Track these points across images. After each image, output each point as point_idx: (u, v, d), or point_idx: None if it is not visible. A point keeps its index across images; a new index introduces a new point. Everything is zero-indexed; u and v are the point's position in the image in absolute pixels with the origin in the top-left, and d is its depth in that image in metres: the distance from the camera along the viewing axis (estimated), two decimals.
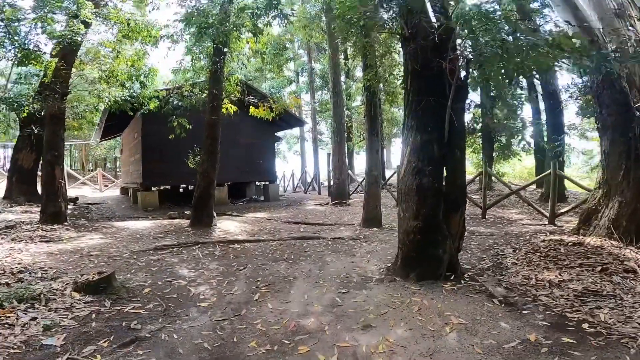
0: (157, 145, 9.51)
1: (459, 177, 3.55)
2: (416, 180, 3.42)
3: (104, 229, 6.90)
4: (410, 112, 3.68)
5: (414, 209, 3.43)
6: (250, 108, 8.19)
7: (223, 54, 6.74)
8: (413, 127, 3.58)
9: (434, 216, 3.44)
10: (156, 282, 3.84)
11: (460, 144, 3.59)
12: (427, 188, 3.40)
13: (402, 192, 3.59)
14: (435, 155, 3.45)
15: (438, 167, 3.47)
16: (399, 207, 3.70)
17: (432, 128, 3.51)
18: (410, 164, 3.50)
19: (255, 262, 4.80)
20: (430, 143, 3.47)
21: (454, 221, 3.60)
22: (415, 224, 3.43)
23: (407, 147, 3.58)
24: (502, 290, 3.44)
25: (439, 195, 3.45)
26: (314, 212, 9.56)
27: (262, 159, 12.80)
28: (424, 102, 3.55)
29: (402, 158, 3.67)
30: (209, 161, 6.64)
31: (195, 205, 6.72)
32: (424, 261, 3.61)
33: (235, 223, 7.61)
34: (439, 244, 3.53)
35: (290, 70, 26.61)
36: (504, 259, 4.51)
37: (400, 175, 3.65)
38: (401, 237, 3.66)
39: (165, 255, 5.02)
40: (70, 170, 19.42)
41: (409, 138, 3.59)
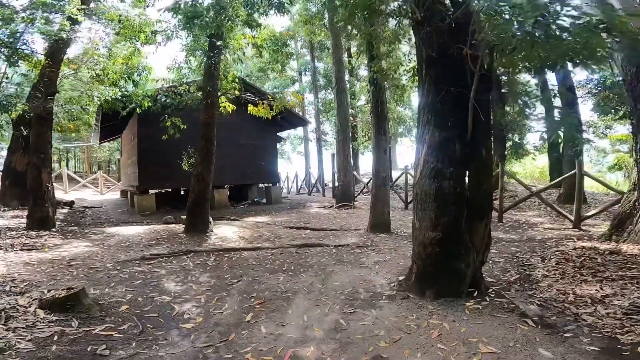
0: (154, 146, 9.08)
1: (484, 180, 3.03)
2: (434, 184, 2.92)
3: (92, 236, 6.47)
4: (427, 105, 3.18)
5: (432, 218, 2.92)
6: (249, 106, 7.72)
7: (217, 47, 6.28)
8: (430, 122, 3.07)
9: (455, 226, 2.92)
10: (136, 298, 3.41)
11: (486, 142, 3.07)
12: (448, 193, 2.90)
13: (418, 198, 3.08)
14: (456, 154, 2.94)
15: (460, 169, 2.96)
16: (413, 215, 3.19)
17: (452, 123, 3.00)
18: (427, 164, 2.99)
19: (251, 273, 4.34)
20: (450, 141, 2.97)
21: (478, 231, 3.08)
22: (433, 235, 2.92)
23: (424, 146, 3.07)
24: (535, 309, 2.95)
25: (462, 202, 2.94)
26: (317, 215, 9.06)
27: (263, 160, 12.33)
28: (443, 93, 3.04)
29: (417, 158, 3.16)
30: (204, 163, 6.18)
31: (190, 210, 6.26)
32: (444, 277, 3.10)
33: (233, 228, 7.15)
34: (461, 258, 3.01)
35: (293, 70, 26.25)
36: (532, 270, 4.00)
37: (416, 178, 3.14)
38: (416, 249, 3.14)
39: (152, 266, 4.57)
40: (71, 173, 19.16)
41: (425, 135, 3.08)
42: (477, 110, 2.99)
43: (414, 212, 3.16)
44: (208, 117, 6.21)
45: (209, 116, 6.21)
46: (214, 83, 6.38)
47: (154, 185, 10.27)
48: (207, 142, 6.20)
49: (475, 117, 3.00)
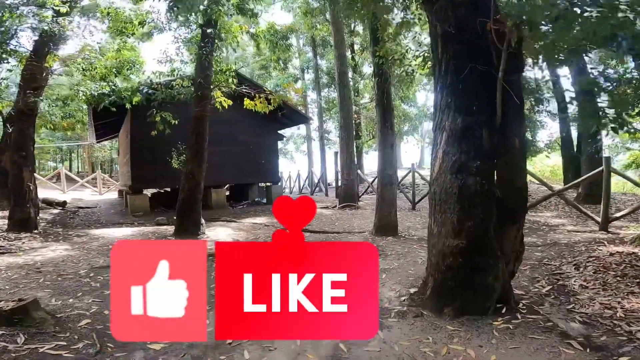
0: (147, 144, 8.57)
1: (517, 175, 2.50)
2: (457, 181, 2.39)
3: (75, 238, 6.01)
4: (445, 87, 2.65)
5: (454, 222, 2.39)
6: (245, 100, 7.21)
7: (209, 37, 5.80)
8: (450, 106, 2.54)
9: (482, 232, 2.39)
10: (102, 311, 2.97)
11: (519, 129, 2.54)
12: (474, 192, 2.37)
13: (437, 198, 2.55)
14: (484, 144, 2.42)
15: (488, 162, 2.43)
16: (430, 219, 2.66)
17: (478, 107, 2.48)
18: (447, 157, 2.47)
19: None
20: (476, 128, 2.44)
21: (509, 237, 2.55)
22: (455, 243, 2.39)
23: (442, 135, 2.54)
24: (579, 327, 2.48)
25: (491, 202, 2.41)
26: (319, 216, 8.53)
27: (263, 159, 11.83)
28: (466, 72, 2.51)
29: (435, 150, 2.63)
30: (195, 160, 5.68)
31: (180, 211, 5.77)
32: (467, 292, 2.56)
33: (228, 230, 6.65)
34: (489, 270, 2.48)
35: (295, 68, 25.78)
36: (567, 280, 3.47)
37: (433, 174, 2.61)
38: (434, 260, 2.61)
39: None
40: (69, 173, 18.83)
41: (444, 122, 2.55)
42: (507, 92, 2.45)
43: (430, 216, 2.63)
44: (199, 111, 5.73)
45: (201, 110, 5.72)
46: (206, 75, 5.89)
47: (148, 185, 9.81)
48: (198, 137, 5.71)
49: (505, 100, 2.47)
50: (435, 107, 2.71)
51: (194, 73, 6.14)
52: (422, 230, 6.22)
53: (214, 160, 10.70)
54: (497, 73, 2.53)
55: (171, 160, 6.74)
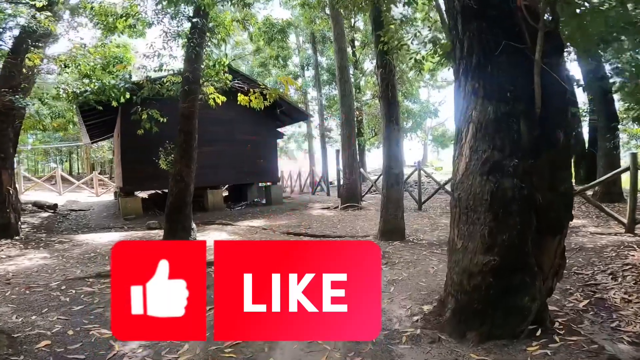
0: (138, 144, 8.10)
1: (562, 177, 2.03)
2: (490, 184, 1.94)
3: (57, 245, 5.58)
4: (470, 69, 2.18)
5: (484, 235, 1.94)
6: (239, 96, 6.74)
7: (197, 26, 5.35)
8: (478, 92, 2.08)
9: (520, 245, 1.93)
10: (66, 331, 2.61)
11: (563, 121, 2.06)
12: (511, 198, 1.91)
13: (462, 205, 2.09)
14: (522, 139, 1.97)
15: (528, 161, 1.97)
16: (452, 231, 2.19)
17: (513, 94, 2.02)
18: (476, 155, 2.01)
19: None
20: (512, 118, 1.98)
21: (549, 250, 2.08)
22: (486, 259, 1.93)
23: (468, 127, 2.08)
24: (629, 349, 2.12)
25: (530, 210, 1.94)
26: (320, 218, 8.08)
27: (262, 158, 11.37)
28: (500, 50, 2.05)
29: (459, 146, 2.17)
30: (183, 160, 5.23)
31: (168, 215, 5.33)
32: (496, 314, 2.10)
33: (222, 235, 6.21)
34: (525, 289, 2.02)
35: (296, 66, 25.33)
36: (605, 292, 3.00)
37: (457, 176, 2.14)
38: (457, 278, 2.15)
39: (107, 286, 3.68)
40: (64, 174, 18.45)
41: (470, 111, 2.09)
42: (548, 76, 1.99)
43: (453, 226, 2.16)
44: (187, 108, 5.27)
45: (188, 106, 5.26)
46: (194, 68, 5.44)
47: (140, 187, 9.37)
48: (186, 135, 5.25)
49: (546, 87, 2.00)
50: (457, 93, 2.24)
51: (183, 68, 5.69)
52: (430, 234, 5.75)
53: (210, 160, 10.30)
54: (532, 54, 2.06)
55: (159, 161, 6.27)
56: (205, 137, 10.18)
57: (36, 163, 35.42)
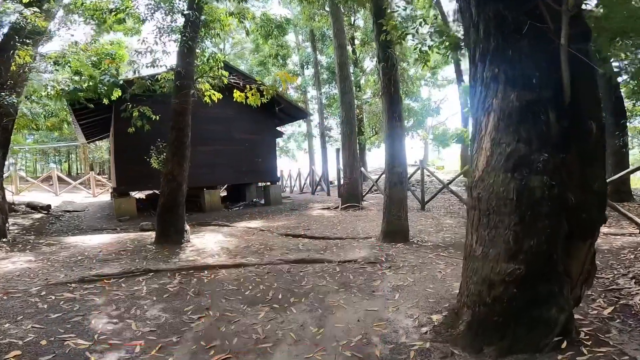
0: (132, 143, 7.84)
1: (594, 173, 1.77)
2: (515, 182, 1.69)
3: (44, 248, 5.32)
4: (488, 53, 1.93)
5: (509, 241, 1.69)
6: (234, 93, 6.49)
7: (189, 19, 5.12)
8: (499, 78, 1.83)
9: (549, 252, 1.68)
10: (40, 341, 2.40)
11: (594, 111, 1.81)
12: (540, 197, 1.67)
13: (482, 206, 1.84)
14: (551, 130, 1.71)
15: (559, 155, 1.71)
16: (470, 236, 1.94)
17: (540, 80, 1.76)
18: (499, 148, 1.77)
19: (222, 305, 3.18)
20: (539, 107, 1.73)
21: (579, 256, 1.83)
22: (510, 268, 1.68)
23: (488, 118, 1.83)
24: None
25: (562, 212, 1.68)
26: (320, 219, 7.82)
27: (261, 157, 11.12)
28: (522, 33, 1.79)
29: (478, 138, 1.92)
30: (175, 159, 4.97)
31: (160, 216, 5.08)
32: (520, 327, 1.85)
33: (218, 237, 5.95)
34: (553, 300, 1.77)
35: (295, 64, 25.11)
36: (630, 298, 2.77)
37: (477, 173, 1.89)
38: (474, 289, 1.89)
39: (89, 292, 3.45)
40: (60, 174, 18.21)
41: (490, 99, 1.84)
42: (575, 62, 1.73)
43: (470, 231, 1.90)
44: (179, 104, 5.01)
45: (181, 102, 5.01)
46: (187, 62, 5.19)
47: (135, 187, 9.12)
48: (178, 133, 4.99)
49: (575, 74, 1.75)
50: (474, 80, 1.98)
51: (176, 63, 5.44)
52: (435, 235, 5.50)
53: (207, 160, 10.05)
54: (556, 39, 1.82)
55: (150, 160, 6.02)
56: (202, 136, 9.96)
57: (34, 163, 35.24)
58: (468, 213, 1.94)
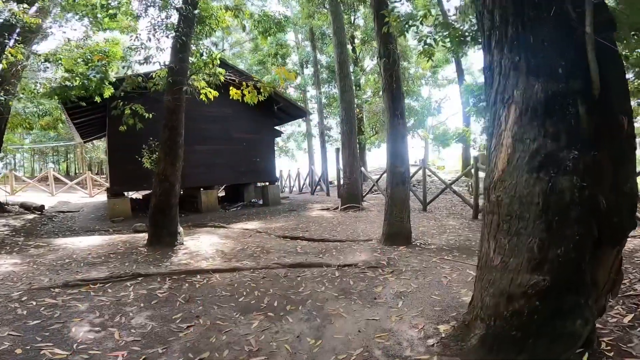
0: (128, 143, 7.63)
1: (626, 173, 1.57)
2: (542, 184, 1.50)
3: (32, 250, 5.11)
4: (506, 40, 1.73)
5: (533, 249, 1.49)
6: (231, 90, 6.28)
7: (181, 13, 4.92)
8: (520, 66, 1.64)
9: (576, 261, 1.47)
10: (14, 350, 2.28)
11: (624, 105, 1.62)
12: (570, 201, 1.48)
13: (503, 212, 1.65)
14: (582, 125, 1.52)
15: (590, 153, 1.51)
16: (486, 243, 1.74)
17: (566, 69, 1.56)
18: (522, 145, 1.58)
19: (214, 312, 2.99)
20: (567, 99, 1.52)
21: (605, 263, 1.64)
22: (533, 280, 1.49)
23: (508, 110, 1.63)
24: None
25: (592, 216, 1.48)
26: (319, 220, 7.62)
27: (259, 157, 10.91)
28: (542, 20, 1.60)
29: (496, 134, 1.72)
30: (168, 159, 4.76)
31: (152, 218, 4.87)
32: (540, 342, 1.64)
33: (213, 239, 5.74)
34: (577, 311, 1.58)
35: (295, 64, 24.92)
36: None
37: (496, 173, 1.69)
38: (490, 301, 1.69)
39: (73, 297, 3.27)
40: (57, 174, 17.99)
41: (510, 90, 1.65)
42: (603, 52, 1.54)
43: (487, 237, 1.70)
44: (172, 101, 4.81)
45: (173, 100, 4.80)
46: (180, 59, 4.99)
47: (129, 187, 8.90)
48: (171, 132, 4.78)
49: (602, 65, 1.56)
50: (490, 70, 1.78)
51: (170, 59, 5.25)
52: (438, 237, 5.29)
53: (204, 160, 9.86)
54: (579, 27, 1.63)
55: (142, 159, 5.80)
56: (199, 135, 9.77)
57: (32, 163, 34.99)
58: (484, 218, 1.74)
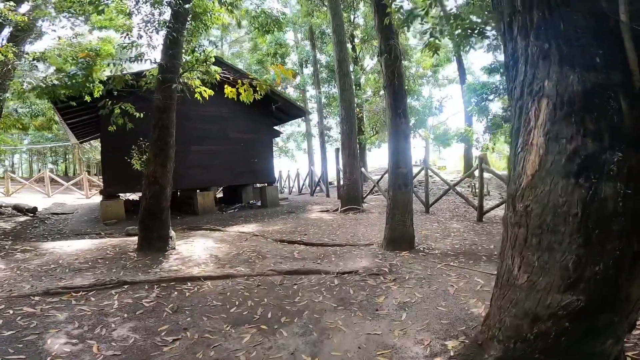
0: (121, 143, 7.39)
1: None
2: (581, 191, 1.27)
3: (18, 254, 4.89)
4: (532, 27, 1.53)
5: (567, 267, 1.26)
6: (226, 88, 6.05)
7: (174, 9, 4.71)
8: (550, 55, 1.43)
9: (614, 277, 1.24)
10: None
11: None
12: (613, 211, 1.25)
13: (532, 224, 1.41)
14: (625, 122, 1.30)
15: (633, 153, 1.28)
16: (510, 258, 1.52)
17: (603, 59, 1.36)
18: (556, 144, 1.37)
19: (203, 324, 2.77)
20: (608, 92, 1.31)
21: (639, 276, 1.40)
22: (566, 300, 1.27)
23: (539, 103, 1.41)
24: None
25: (635, 228, 1.25)
26: (318, 223, 7.39)
27: (257, 157, 10.68)
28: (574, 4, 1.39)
29: (524, 132, 1.49)
30: (158, 160, 4.53)
31: (142, 222, 4.65)
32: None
33: (208, 243, 5.52)
34: (610, 331, 1.38)
35: (294, 63, 24.73)
36: None
37: (524, 178, 1.47)
38: (511, 322, 1.47)
39: (52, 306, 3.08)
40: (53, 175, 17.77)
41: (538, 81, 1.43)
42: None
43: (511, 251, 1.48)
44: (162, 100, 4.58)
45: (164, 98, 4.58)
46: (171, 55, 4.77)
47: (124, 189, 8.67)
48: (162, 131, 4.55)
49: None
50: (513, 59, 1.56)
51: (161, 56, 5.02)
52: (443, 242, 5.07)
53: (200, 160, 9.63)
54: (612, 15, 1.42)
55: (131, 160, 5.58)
56: (195, 135, 9.55)
57: (30, 164, 34.80)
58: (506, 230, 1.50)
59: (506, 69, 1.63)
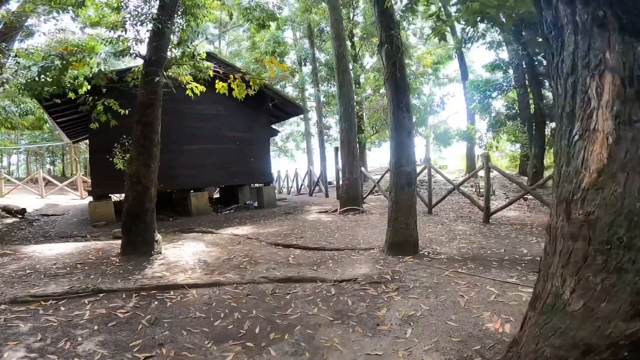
0: (109, 142, 7.01)
1: None
2: None
3: None
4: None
5: (628, 291, 0.91)
6: (217, 84, 5.73)
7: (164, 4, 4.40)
8: (607, 23, 1.13)
9: None
10: None
11: None
12: None
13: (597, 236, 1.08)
14: None
15: None
16: (561, 280, 1.20)
17: None
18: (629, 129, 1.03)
19: (182, 340, 2.46)
20: None
21: None
22: (631, 329, 0.93)
23: (601, 79, 1.10)
24: None
25: None
26: (316, 225, 7.06)
27: (253, 157, 10.35)
28: None
29: (581, 115, 1.18)
30: (141, 158, 4.20)
31: (125, 225, 4.32)
32: None
33: (198, 246, 5.19)
34: None
35: (293, 62, 24.42)
36: None
37: (585, 177, 1.13)
38: (553, 353, 1.15)
39: (17, 316, 2.81)
40: (47, 176, 17.43)
41: (594, 52, 1.14)
42: None
43: (560, 271, 1.18)
44: (146, 95, 4.25)
45: (147, 92, 4.25)
46: (156, 48, 4.45)
47: (112, 189, 8.32)
48: (145, 128, 4.22)
49: None
50: (556, 28, 1.25)
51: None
52: (448, 245, 4.74)
53: (194, 160, 9.30)
54: None
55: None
56: (189, 134, 9.22)
57: (27, 165, 34.40)
58: (556, 243, 1.17)
59: (546, 41, 1.31)
